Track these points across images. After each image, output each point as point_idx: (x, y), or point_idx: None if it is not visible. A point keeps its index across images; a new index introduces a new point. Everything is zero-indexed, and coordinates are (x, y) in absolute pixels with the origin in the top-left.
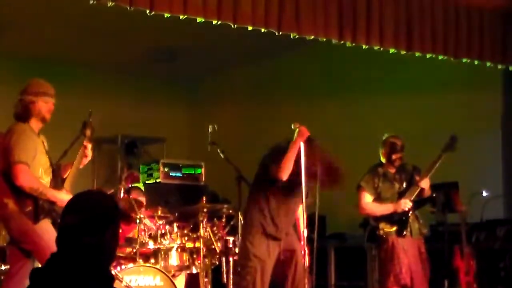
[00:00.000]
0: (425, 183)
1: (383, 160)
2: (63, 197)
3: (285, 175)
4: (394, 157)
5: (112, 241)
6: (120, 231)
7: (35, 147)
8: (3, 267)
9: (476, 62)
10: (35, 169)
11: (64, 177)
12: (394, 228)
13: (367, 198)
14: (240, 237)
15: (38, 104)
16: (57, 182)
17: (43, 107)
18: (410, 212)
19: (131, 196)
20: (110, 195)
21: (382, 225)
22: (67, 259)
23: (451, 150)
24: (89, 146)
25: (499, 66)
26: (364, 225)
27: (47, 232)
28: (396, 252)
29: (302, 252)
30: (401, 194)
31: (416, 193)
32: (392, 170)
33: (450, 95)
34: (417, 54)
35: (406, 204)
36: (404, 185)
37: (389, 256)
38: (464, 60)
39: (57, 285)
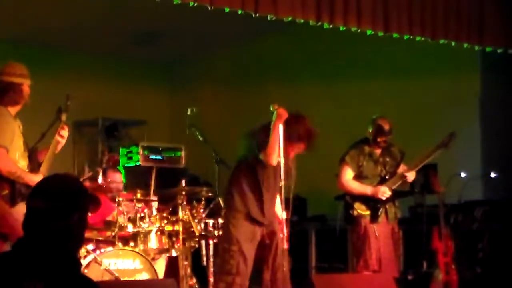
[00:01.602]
0: (411, 176)
1: (369, 137)
2: (39, 180)
3: (273, 159)
4: (379, 139)
5: (80, 226)
6: (89, 215)
7: (12, 131)
8: None
9: (453, 43)
10: (12, 153)
11: (41, 161)
12: (368, 212)
13: (349, 174)
14: (221, 220)
15: (25, 87)
16: (34, 166)
17: (28, 91)
18: (386, 202)
19: (108, 179)
20: (77, 179)
21: (357, 205)
22: (34, 243)
23: (446, 148)
24: (65, 132)
25: (476, 48)
26: (339, 198)
27: (23, 216)
28: (368, 236)
29: (281, 235)
30: (382, 180)
31: (398, 183)
32: (378, 151)
33: (430, 77)
34: (395, 35)
35: (384, 193)
36: (387, 169)
37: (361, 240)
38: (441, 41)
39: (22, 270)
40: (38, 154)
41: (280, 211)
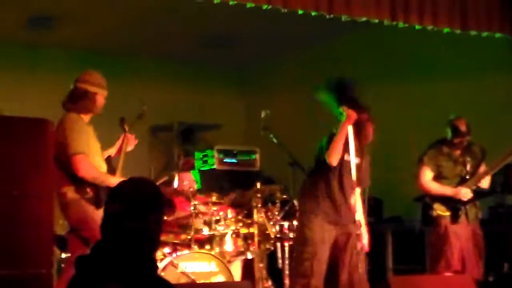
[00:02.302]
0: (484, 183)
1: (448, 138)
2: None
3: (334, 160)
4: (456, 141)
5: (155, 228)
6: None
7: (88, 136)
8: (63, 255)
9: None
10: (92, 158)
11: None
12: (448, 213)
13: (428, 175)
14: (295, 222)
15: (100, 97)
16: (111, 169)
17: (102, 101)
18: (467, 203)
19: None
20: (152, 182)
21: (436, 205)
22: (111, 246)
23: None
24: (131, 137)
25: None
26: (419, 199)
27: None
28: (449, 236)
29: (358, 237)
30: (462, 180)
31: (479, 182)
32: (458, 151)
33: (503, 75)
34: (473, 33)
35: (466, 194)
36: (468, 168)
37: (441, 240)
38: None
39: (101, 272)
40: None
41: (359, 212)
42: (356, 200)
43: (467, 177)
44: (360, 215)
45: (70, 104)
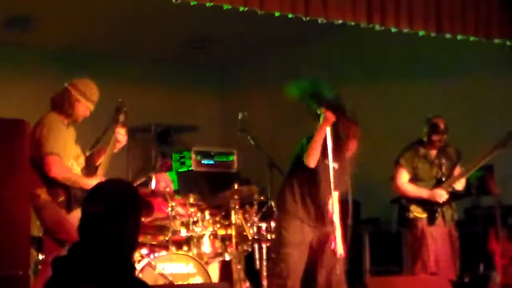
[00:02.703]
0: (459, 185)
1: (424, 138)
2: (95, 182)
3: (312, 161)
4: (434, 138)
5: (134, 230)
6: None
7: (65, 138)
8: (40, 257)
9: (508, 43)
10: (66, 160)
11: (97, 164)
12: (425, 215)
13: (404, 177)
14: (273, 224)
15: (81, 106)
16: (90, 169)
17: (83, 111)
18: (443, 204)
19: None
20: (131, 184)
21: (413, 207)
22: (89, 247)
23: (504, 147)
24: (122, 131)
25: None
26: (395, 201)
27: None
28: (425, 238)
29: (336, 238)
30: (438, 182)
31: (455, 184)
32: (433, 152)
33: (488, 76)
34: (447, 36)
35: (442, 196)
36: (444, 170)
37: (418, 242)
38: (496, 41)
39: (78, 274)
40: (95, 155)
41: (336, 215)
42: (334, 203)
43: (443, 179)
44: (336, 218)
45: (53, 102)
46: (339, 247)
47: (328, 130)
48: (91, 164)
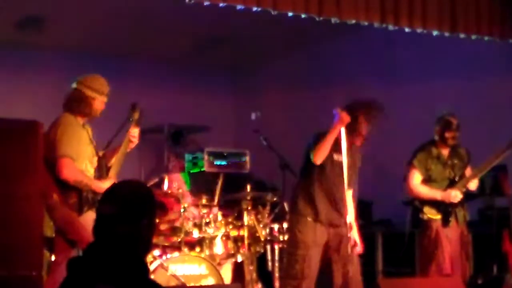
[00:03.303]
0: (473, 185)
1: (436, 137)
2: (107, 185)
3: (318, 158)
4: (447, 135)
5: (148, 231)
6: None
7: (79, 140)
8: (53, 257)
9: None
10: (81, 162)
11: (109, 164)
12: (439, 217)
13: (417, 179)
14: (286, 225)
15: (97, 102)
16: (102, 171)
17: (100, 106)
18: (457, 205)
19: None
20: (146, 185)
21: (426, 209)
22: (103, 248)
23: None
24: (136, 130)
25: None
26: (408, 203)
27: (92, 223)
28: (440, 240)
29: (350, 239)
30: (451, 183)
31: (468, 184)
32: (446, 152)
33: (498, 76)
34: (462, 35)
35: (456, 197)
36: (456, 171)
37: (432, 244)
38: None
39: (93, 274)
40: (108, 156)
41: (351, 214)
42: (348, 202)
43: (456, 179)
44: (351, 217)
45: (67, 105)
46: (358, 245)
47: (342, 130)
48: (103, 165)
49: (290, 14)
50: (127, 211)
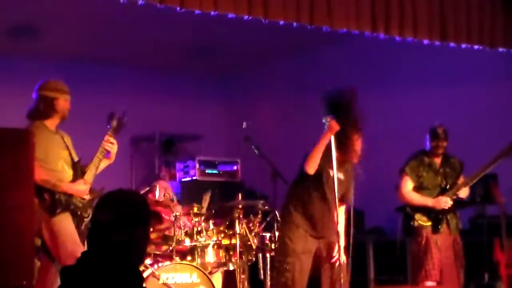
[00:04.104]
0: (463, 193)
1: (427, 147)
2: (79, 187)
3: (311, 168)
4: (434, 143)
5: (142, 240)
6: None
7: (47, 142)
8: None
9: None
10: (54, 163)
11: (86, 169)
12: (429, 223)
13: (409, 186)
14: (277, 233)
15: (61, 102)
16: (77, 174)
17: (65, 105)
18: (448, 212)
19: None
20: (141, 194)
21: (417, 216)
22: (97, 257)
23: (507, 157)
24: (111, 139)
25: None
26: (400, 210)
27: (64, 231)
28: (430, 247)
29: (340, 248)
30: (443, 191)
31: (458, 191)
32: (438, 160)
33: (492, 86)
34: (452, 44)
35: (446, 203)
36: (447, 180)
37: (422, 250)
38: (500, 49)
39: (86, 283)
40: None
41: (341, 223)
42: (339, 214)
43: (447, 187)
44: (341, 228)
45: (32, 114)
46: (342, 256)
47: (332, 140)
48: (78, 169)
49: (281, 22)
50: (122, 219)
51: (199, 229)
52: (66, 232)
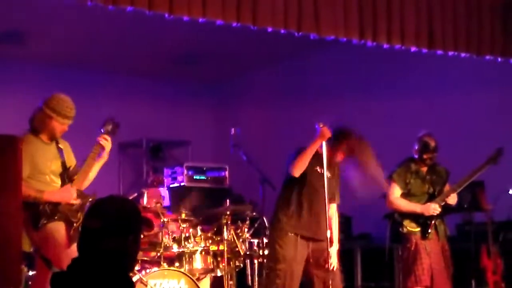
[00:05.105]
0: (452, 199)
1: (415, 156)
2: (63, 193)
3: (297, 171)
4: (425, 156)
5: (134, 247)
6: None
7: (34, 156)
8: (30, 273)
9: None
10: (40, 176)
11: (73, 178)
12: (418, 229)
13: (397, 192)
14: (265, 240)
15: (52, 122)
16: (64, 182)
17: (57, 127)
18: (436, 217)
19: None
20: (132, 201)
21: (406, 222)
22: (88, 263)
23: (494, 164)
24: (106, 137)
25: None
26: (388, 216)
27: (53, 235)
28: (419, 252)
29: (331, 253)
30: (431, 197)
31: (447, 198)
32: (424, 169)
33: (477, 93)
34: (439, 52)
35: (435, 209)
36: (434, 187)
37: (411, 256)
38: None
39: None
40: (75, 170)
41: (334, 228)
42: (331, 216)
43: (435, 193)
44: (335, 232)
45: (31, 124)
46: (334, 261)
47: (324, 145)
48: (66, 176)
49: (269, 29)
50: (113, 226)
51: (187, 235)
52: (55, 239)
